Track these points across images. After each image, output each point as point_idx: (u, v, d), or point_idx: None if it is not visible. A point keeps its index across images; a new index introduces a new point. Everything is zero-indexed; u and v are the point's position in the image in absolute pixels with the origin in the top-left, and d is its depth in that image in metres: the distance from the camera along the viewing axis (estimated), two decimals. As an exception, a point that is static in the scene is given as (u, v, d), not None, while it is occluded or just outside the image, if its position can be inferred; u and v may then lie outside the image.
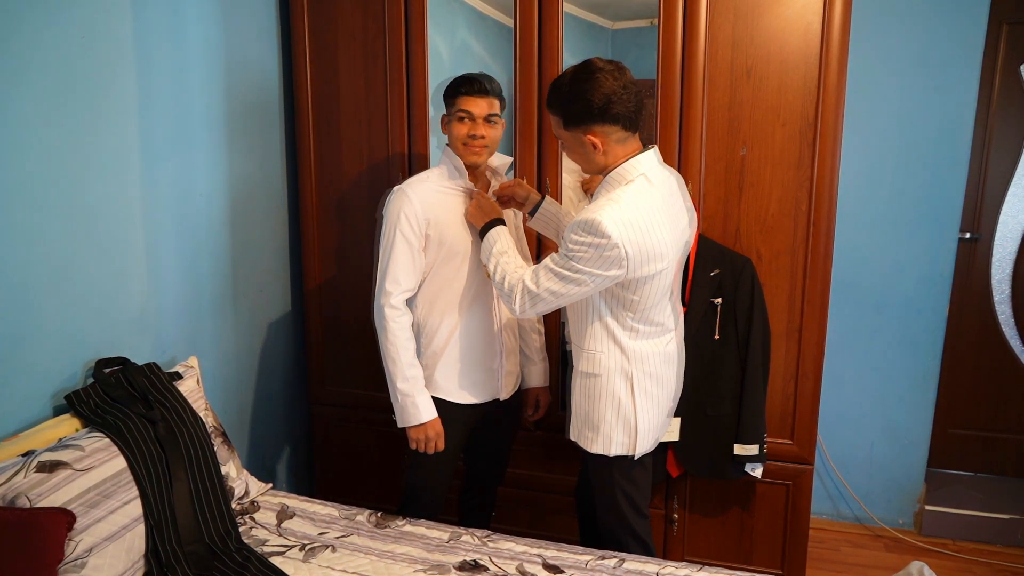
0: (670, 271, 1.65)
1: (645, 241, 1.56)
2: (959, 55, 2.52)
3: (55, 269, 1.69)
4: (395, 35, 2.25)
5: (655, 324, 1.71)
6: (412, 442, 1.87)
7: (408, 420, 1.84)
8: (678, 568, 1.65)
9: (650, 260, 1.58)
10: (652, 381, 1.72)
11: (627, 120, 1.59)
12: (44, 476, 1.45)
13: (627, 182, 1.61)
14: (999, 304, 2.86)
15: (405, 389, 1.83)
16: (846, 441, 2.81)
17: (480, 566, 1.66)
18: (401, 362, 1.82)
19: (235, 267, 2.33)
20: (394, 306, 1.81)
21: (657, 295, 1.66)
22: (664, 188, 1.64)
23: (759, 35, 1.98)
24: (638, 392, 1.71)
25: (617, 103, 1.56)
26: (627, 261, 1.56)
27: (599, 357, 1.71)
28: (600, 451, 1.75)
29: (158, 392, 1.79)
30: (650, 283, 1.63)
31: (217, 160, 2.22)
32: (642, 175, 1.61)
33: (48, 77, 1.65)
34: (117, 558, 1.50)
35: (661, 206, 1.61)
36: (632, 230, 1.55)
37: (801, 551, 2.21)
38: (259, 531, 1.80)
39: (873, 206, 2.65)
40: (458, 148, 1.84)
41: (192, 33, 2.09)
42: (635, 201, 1.57)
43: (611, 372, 1.71)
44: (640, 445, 1.73)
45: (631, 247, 1.55)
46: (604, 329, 1.70)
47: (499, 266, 1.72)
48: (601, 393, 1.72)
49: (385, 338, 1.82)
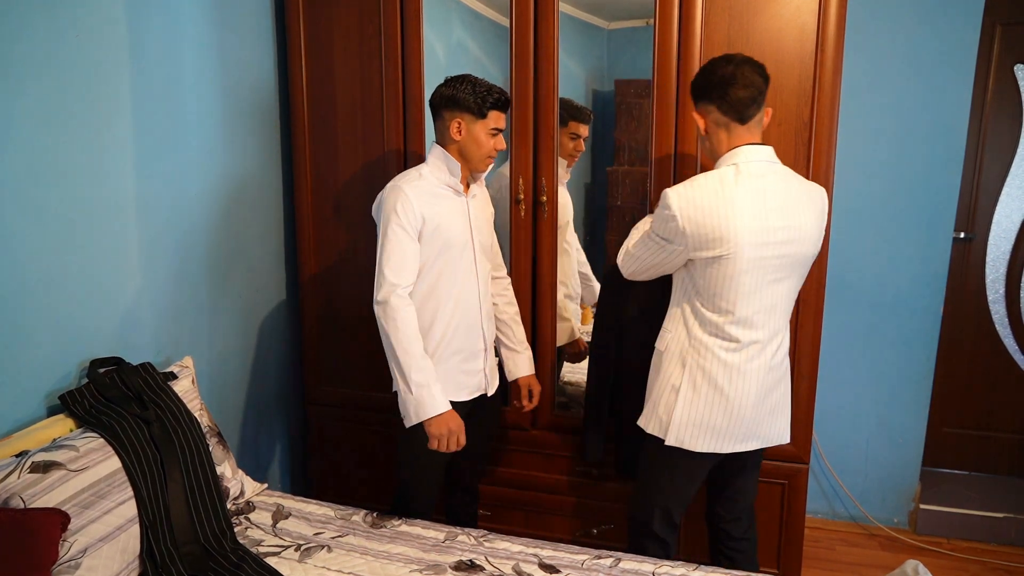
0: (736, 267, 1.62)
1: (705, 222, 1.60)
2: (953, 56, 2.53)
3: (48, 269, 1.68)
4: (391, 34, 2.25)
5: (724, 326, 1.67)
6: (433, 440, 1.78)
7: (426, 412, 1.76)
8: (674, 567, 1.65)
9: (709, 242, 1.61)
10: (703, 377, 1.70)
11: (722, 103, 1.64)
12: (38, 476, 1.45)
13: (718, 168, 1.68)
14: (993, 304, 2.87)
15: (420, 380, 1.76)
16: (841, 440, 2.81)
17: (476, 566, 1.66)
18: (414, 352, 1.76)
19: (230, 266, 2.33)
20: (401, 296, 1.78)
21: (723, 284, 1.64)
22: (757, 182, 1.63)
23: (755, 36, 1.99)
24: (686, 379, 1.71)
25: (719, 86, 1.64)
26: (685, 237, 1.63)
27: (668, 336, 1.77)
28: (642, 423, 1.81)
29: (153, 392, 1.78)
30: (713, 268, 1.64)
31: (212, 159, 2.22)
32: (733, 164, 1.65)
33: (42, 77, 1.64)
34: (112, 559, 1.49)
35: (741, 195, 1.61)
36: (693, 208, 1.61)
37: (797, 550, 2.21)
38: (254, 531, 1.80)
39: (868, 206, 2.66)
40: (478, 159, 1.87)
41: (186, 32, 2.08)
42: (707, 184, 1.64)
43: (672, 353, 1.75)
44: (673, 433, 1.72)
45: (689, 225, 1.62)
46: (679, 310, 1.76)
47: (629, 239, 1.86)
48: (660, 370, 1.78)
49: (395, 329, 1.76)
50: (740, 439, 1.75)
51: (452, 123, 1.85)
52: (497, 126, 1.86)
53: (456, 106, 1.84)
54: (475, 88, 1.82)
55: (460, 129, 1.85)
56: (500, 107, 1.85)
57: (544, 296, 2.26)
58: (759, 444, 1.78)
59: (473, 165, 1.89)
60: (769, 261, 1.65)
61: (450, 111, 1.85)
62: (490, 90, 1.83)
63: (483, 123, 1.84)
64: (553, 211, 2.21)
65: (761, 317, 1.69)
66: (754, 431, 1.75)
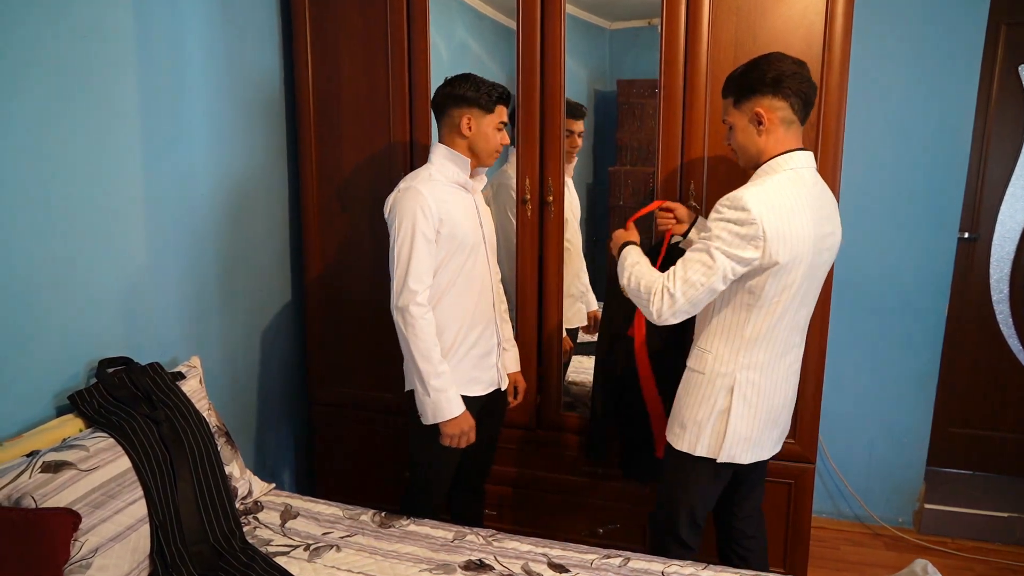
0: (798, 272, 1.60)
1: (785, 227, 1.54)
2: (958, 56, 2.53)
3: (57, 268, 1.69)
4: (397, 31, 2.25)
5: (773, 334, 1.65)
6: (446, 438, 1.86)
7: (443, 415, 1.83)
8: (683, 567, 1.65)
9: (785, 247, 1.55)
10: (754, 392, 1.67)
11: (796, 100, 1.61)
12: (49, 476, 1.45)
13: (776, 173, 1.61)
14: (997, 303, 2.87)
15: (439, 385, 1.81)
16: (846, 440, 2.82)
17: (486, 565, 1.67)
18: (434, 359, 1.81)
19: (235, 265, 2.33)
20: (420, 304, 1.80)
21: (781, 295, 1.61)
22: (814, 189, 1.63)
23: (762, 36, 1.99)
24: (737, 399, 1.67)
25: (789, 80, 1.60)
26: (764, 242, 1.53)
27: (707, 357, 1.69)
28: (685, 449, 1.72)
29: (162, 392, 1.78)
30: (777, 278, 1.58)
31: (218, 159, 2.22)
32: (792, 169, 1.61)
33: (50, 77, 1.64)
34: (122, 558, 1.50)
35: (808, 203, 1.59)
36: (774, 212, 1.53)
37: (803, 550, 2.22)
38: (263, 531, 1.80)
39: (873, 206, 2.66)
40: (487, 153, 1.91)
41: (193, 31, 2.09)
42: (781, 188, 1.58)
43: (716, 374, 1.68)
44: (726, 451, 1.69)
45: (770, 227, 1.53)
46: (721, 327, 1.67)
47: (632, 275, 1.70)
48: (700, 392, 1.70)
49: (415, 336, 1.80)
50: (776, 442, 1.78)
51: (462, 119, 1.87)
52: (504, 120, 1.91)
53: (465, 102, 1.86)
54: (481, 84, 1.86)
55: (470, 124, 1.87)
56: (504, 101, 1.90)
57: (550, 296, 2.27)
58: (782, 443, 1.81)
59: (482, 159, 1.92)
60: (819, 269, 1.66)
61: (459, 108, 1.87)
62: (494, 85, 1.88)
63: (491, 117, 1.88)
64: (560, 211, 2.21)
65: (803, 322, 1.71)
66: (782, 432, 1.80)
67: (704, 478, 1.75)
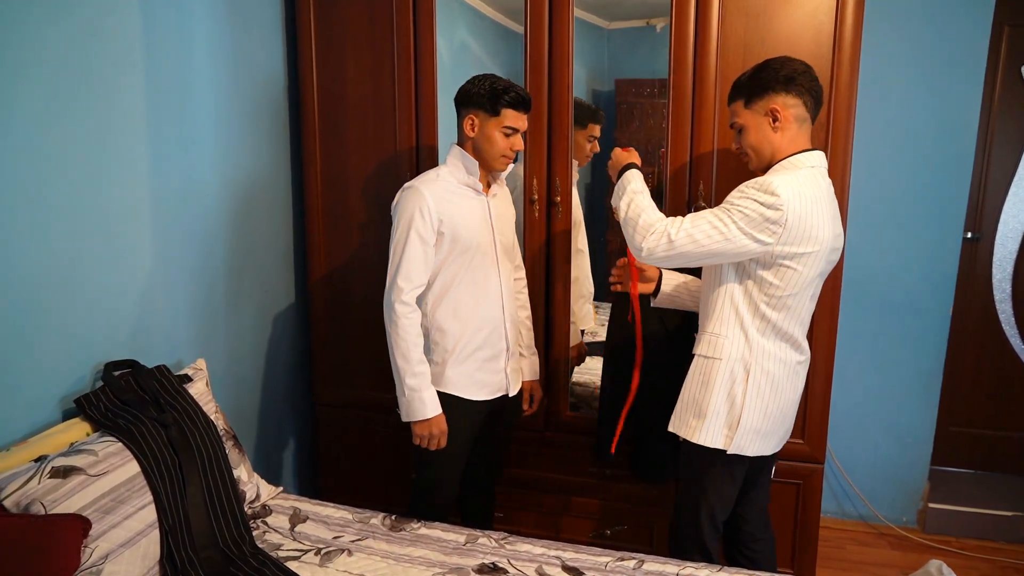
0: (815, 266, 1.61)
1: (808, 217, 1.56)
2: (962, 57, 2.54)
3: (63, 271, 1.66)
4: (403, 32, 2.23)
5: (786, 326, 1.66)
6: (417, 438, 1.88)
7: (415, 415, 1.84)
8: (698, 569, 1.64)
9: (805, 239, 1.56)
10: (768, 382, 1.67)
11: (808, 98, 1.63)
12: (58, 482, 1.42)
13: (798, 169, 1.62)
14: (1000, 303, 2.88)
15: (414, 384, 1.83)
16: (850, 440, 2.82)
17: (499, 568, 1.65)
18: (412, 358, 1.82)
19: (241, 267, 2.30)
20: (405, 302, 1.81)
21: (798, 287, 1.62)
22: (829, 190, 1.65)
23: (771, 37, 1.98)
24: (751, 386, 1.66)
25: (801, 78, 1.62)
26: (783, 229, 1.54)
27: (722, 342, 1.67)
28: (703, 441, 1.69)
29: (169, 395, 1.76)
30: (794, 268, 1.59)
31: (224, 160, 2.20)
32: (812, 167, 1.63)
33: (55, 78, 1.62)
34: (133, 564, 1.48)
35: (828, 199, 1.62)
36: (801, 201, 1.55)
37: (812, 549, 2.21)
38: (272, 535, 1.78)
39: (878, 206, 2.67)
40: (492, 157, 1.86)
41: (199, 33, 2.06)
42: (808, 180, 1.59)
43: (731, 359, 1.67)
44: (737, 442, 1.67)
45: (793, 216, 1.54)
46: (734, 313, 1.66)
47: (634, 203, 1.70)
48: (716, 379, 1.67)
49: (396, 334, 1.82)
50: (783, 437, 1.78)
51: (466, 120, 1.85)
52: (513, 125, 1.84)
53: (470, 103, 1.85)
54: (492, 86, 1.82)
55: (473, 126, 1.85)
56: (515, 106, 1.84)
57: (557, 298, 2.26)
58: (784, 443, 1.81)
59: (487, 163, 1.89)
60: (828, 267, 1.69)
61: (466, 108, 1.86)
62: (507, 89, 1.82)
63: (496, 120, 1.83)
64: (568, 212, 2.20)
65: (808, 320, 1.73)
66: (787, 431, 1.80)
67: (721, 475, 1.74)
